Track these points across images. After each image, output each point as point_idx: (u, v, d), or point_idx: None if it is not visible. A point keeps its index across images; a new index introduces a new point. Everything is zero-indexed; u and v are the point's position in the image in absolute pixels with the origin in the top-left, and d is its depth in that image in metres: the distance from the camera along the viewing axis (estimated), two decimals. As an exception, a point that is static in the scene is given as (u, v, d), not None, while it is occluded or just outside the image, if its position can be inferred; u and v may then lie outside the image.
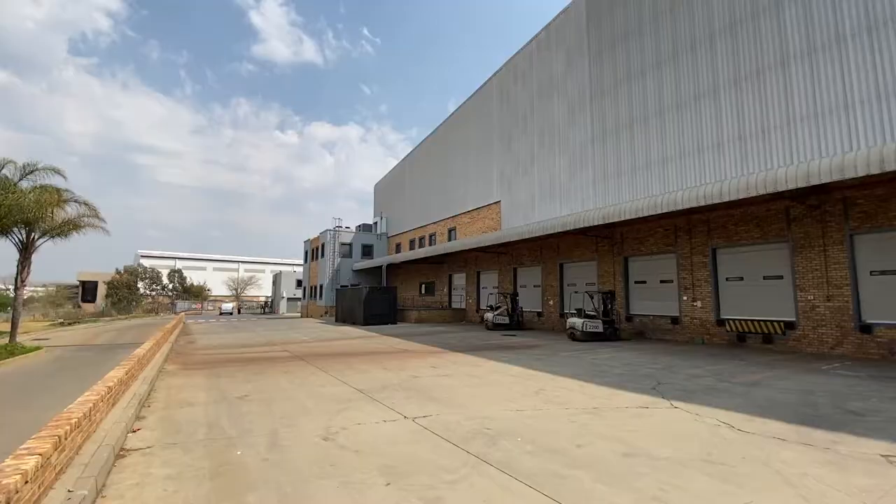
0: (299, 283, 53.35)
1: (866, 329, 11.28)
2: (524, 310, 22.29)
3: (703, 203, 12.22)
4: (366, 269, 38.95)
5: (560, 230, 17.27)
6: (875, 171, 9.26)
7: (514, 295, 21.89)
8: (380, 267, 35.49)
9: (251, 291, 79.25)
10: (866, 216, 11.52)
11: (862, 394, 7.15)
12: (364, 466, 4.33)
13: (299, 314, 47.01)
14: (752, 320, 13.49)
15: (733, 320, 13.95)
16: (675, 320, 15.74)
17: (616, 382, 8.28)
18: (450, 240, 32.14)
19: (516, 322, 21.19)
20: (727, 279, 14.48)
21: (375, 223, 47.53)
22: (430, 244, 35.02)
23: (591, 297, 16.84)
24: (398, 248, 41.71)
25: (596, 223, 15.67)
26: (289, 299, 55.08)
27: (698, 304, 15.00)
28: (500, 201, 26.91)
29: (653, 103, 17.43)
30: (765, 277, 13.48)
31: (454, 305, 30.33)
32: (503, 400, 7.00)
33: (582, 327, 15.45)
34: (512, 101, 26.54)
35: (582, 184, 20.76)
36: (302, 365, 10.96)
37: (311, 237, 44.45)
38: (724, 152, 14.93)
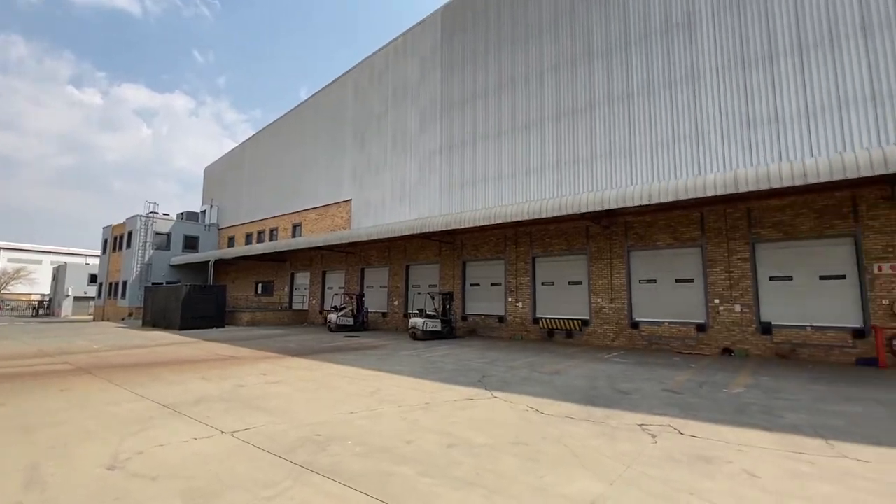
0: (94, 278, 43.32)
1: (635, 325, 14.40)
2: (370, 311, 22.23)
3: (527, 217, 14.01)
4: (188, 264, 33.81)
5: (407, 233, 17.77)
6: (645, 202, 11.91)
7: (361, 295, 21.67)
8: (207, 262, 31.22)
9: (19, 288, 61.20)
10: (639, 237, 14.73)
11: (629, 377, 9.07)
12: (161, 494, 3.69)
13: (91, 317, 38.20)
14: (559, 319, 15.98)
15: (546, 319, 16.31)
16: (501, 319, 17.65)
17: (448, 378, 8.84)
18: (294, 236, 30.16)
19: (361, 323, 20.99)
20: (542, 283, 16.87)
21: (204, 212, 41.71)
22: (271, 239, 32.30)
23: (433, 298, 17.73)
24: (231, 242, 37.37)
25: (439, 229, 16.58)
26: (77, 298, 44.14)
27: (520, 304, 17.12)
28: (350, 199, 26.38)
29: (493, 124, 19.32)
30: (569, 283, 16.13)
31: (296, 307, 28.51)
32: (337, 403, 6.81)
33: (423, 327, 16.12)
34: (367, 99, 26.34)
35: (430, 190, 21.76)
36: (87, 380, 8.87)
37: (115, 223, 36.59)
38: (545, 176, 17.40)
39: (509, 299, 17.57)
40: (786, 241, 12.16)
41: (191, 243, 36.53)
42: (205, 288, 23.39)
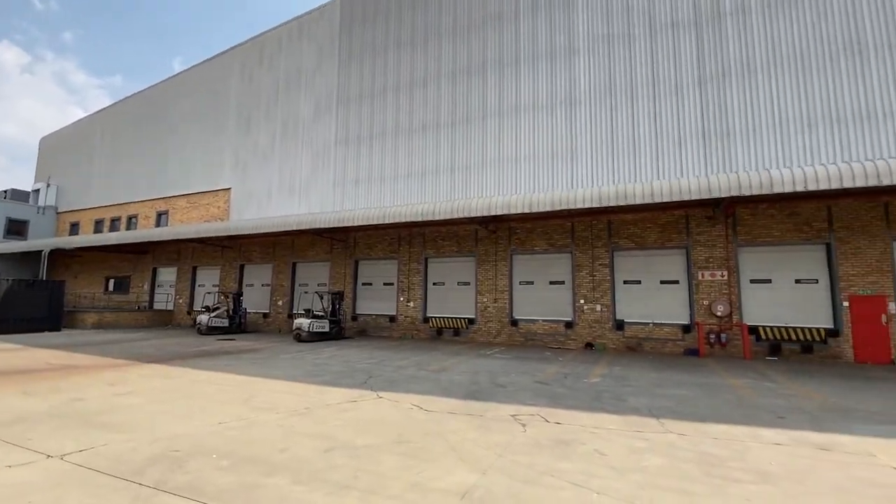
0: None
1: (515, 323, 15.51)
2: (248, 311, 20.50)
3: (421, 219, 14.23)
4: (14, 254, 27.63)
5: (296, 228, 16.79)
6: (527, 210, 12.91)
7: (238, 294, 19.86)
8: (39, 253, 25.85)
9: None
10: (521, 241, 15.91)
11: (507, 371, 9.74)
12: (-53, 543, 2.94)
13: None
14: (448, 318, 16.52)
15: (435, 318, 16.75)
16: (392, 319, 17.66)
17: (332, 380, 8.56)
18: (159, 225, 26.50)
19: (238, 324, 19.24)
20: (434, 283, 17.29)
21: (37, 191, 34.53)
22: (129, 228, 27.97)
23: (322, 298, 17.02)
24: (75, 230, 31.51)
25: (332, 225, 15.99)
26: None
27: (411, 304, 17.33)
28: (231, 188, 24.04)
29: (391, 122, 19.25)
30: (458, 283, 16.79)
31: (158, 306, 25.05)
32: (203, 414, 6.15)
33: (309, 327, 15.37)
34: (256, 82, 24.30)
35: (324, 183, 20.85)
36: None
37: None
38: (440, 179, 17.86)
39: (401, 299, 17.65)
40: (637, 250, 14.21)
41: (17, 228, 30.00)
42: (34, 283, 19.33)
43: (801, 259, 12.47)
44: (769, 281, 12.71)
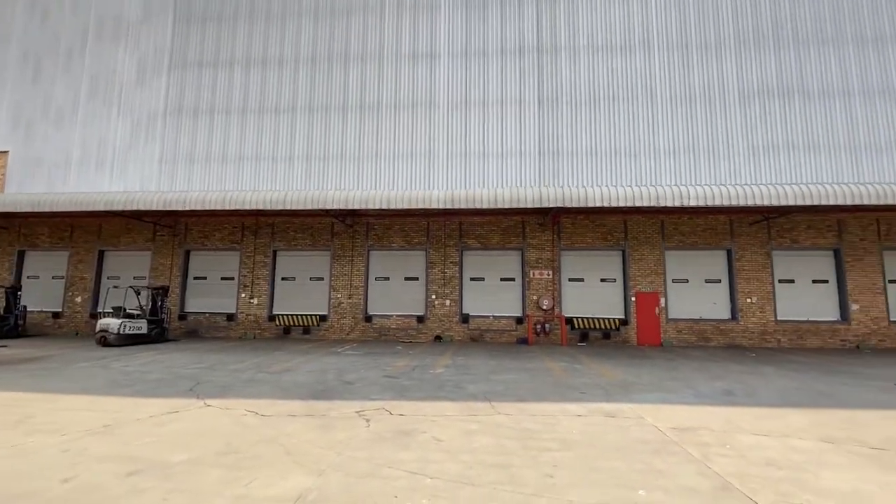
0: None
1: (369, 319, 15.46)
2: (30, 310, 16.19)
3: (270, 207, 13.13)
4: None
5: (105, 209, 13.85)
6: (384, 206, 12.98)
7: (15, 289, 15.53)
8: None
9: None
10: (378, 237, 15.92)
11: (357, 367, 9.64)
12: None
13: None
14: (297, 315, 15.61)
15: (283, 315, 15.66)
16: (231, 317, 15.92)
17: (147, 390, 7.31)
18: None
19: (13, 326, 15.04)
20: (283, 279, 16.15)
21: None
22: None
23: (139, 294, 14.40)
24: None
25: (158, 208, 13.65)
26: None
27: (255, 301, 15.87)
28: (7, 151, 18.60)
29: (239, 98, 17.27)
30: (311, 279, 16.00)
31: None
32: (-59, 446, 4.63)
33: (119, 329, 12.85)
34: (54, 19, 19.23)
35: (146, 159, 17.60)
36: None
37: None
38: (294, 167, 16.72)
39: (243, 295, 16.03)
40: (483, 250, 15.50)
41: None
42: None
43: (605, 262, 15.20)
44: (582, 280, 15.18)
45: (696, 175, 14.82)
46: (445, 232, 15.59)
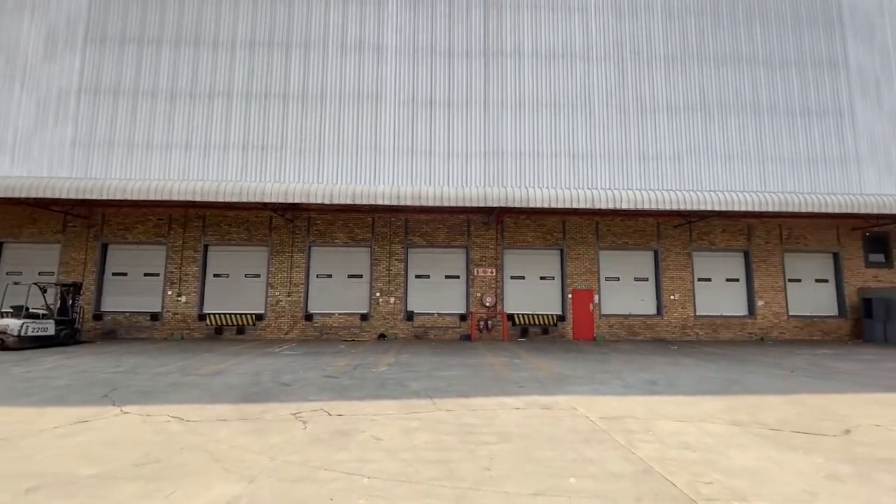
0: None
1: (309, 318, 14.97)
2: None
3: (200, 198, 12.30)
4: None
5: (5, 195, 12.29)
6: (327, 201, 12.62)
7: None
8: None
9: None
10: (321, 233, 15.44)
11: (295, 368, 9.29)
12: None
13: None
14: (230, 314, 14.77)
15: (215, 314, 14.75)
16: (155, 317, 14.75)
17: (53, 398, 6.58)
18: None
19: None
20: (215, 275, 15.20)
21: None
22: None
23: (44, 291, 12.93)
24: None
25: (69, 196, 12.34)
26: None
27: (183, 299, 14.82)
28: None
29: (166, 79, 15.96)
30: (246, 275, 15.21)
31: None
32: None
33: (20, 331, 11.47)
34: (-67, -23, 16.64)
35: (56, 142, 15.78)
36: None
37: None
38: (229, 156, 15.74)
39: (170, 293, 14.90)
40: (428, 247, 15.53)
41: None
42: None
43: (544, 261, 15.80)
44: (523, 277, 15.67)
45: (628, 180, 15.78)
46: (391, 229, 15.44)
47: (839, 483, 3.84)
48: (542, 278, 15.74)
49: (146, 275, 15.15)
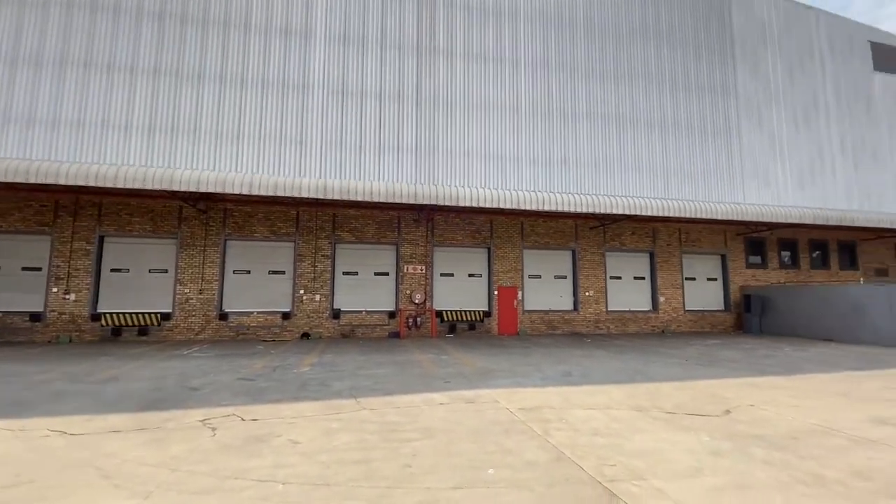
0: None
1: (224, 317, 13.93)
2: None
3: (94, 183, 10.93)
4: None
5: None
6: (246, 192, 11.82)
7: None
8: None
9: None
10: (238, 226, 14.43)
11: (206, 371, 8.59)
12: None
13: None
14: (130, 313, 13.30)
15: (111, 314, 13.19)
16: (36, 317, 12.85)
17: None
18: None
19: None
20: (112, 270, 13.60)
21: None
22: None
23: None
24: None
25: (-86, 174, 10.28)
26: None
27: (72, 297, 13.06)
28: None
29: (54, 46, 13.90)
30: (151, 270, 13.78)
31: None
32: None
33: None
34: None
35: None
36: None
37: None
38: (132, 137, 14.13)
39: (55, 290, 13.05)
40: (357, 243, 15.17)
41: None
42: None
43: (473, 258, 16.16)
44: (452, 275, 15.90)
45: (551, 183, 16.64)
46: (317, 223, 14.86)
47: (720, 458, 4.35)
48: (470, 275, 16.08)
49: (25, 269, 13.12)
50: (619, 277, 17.44)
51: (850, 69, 21.69)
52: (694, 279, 18.37)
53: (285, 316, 14.21)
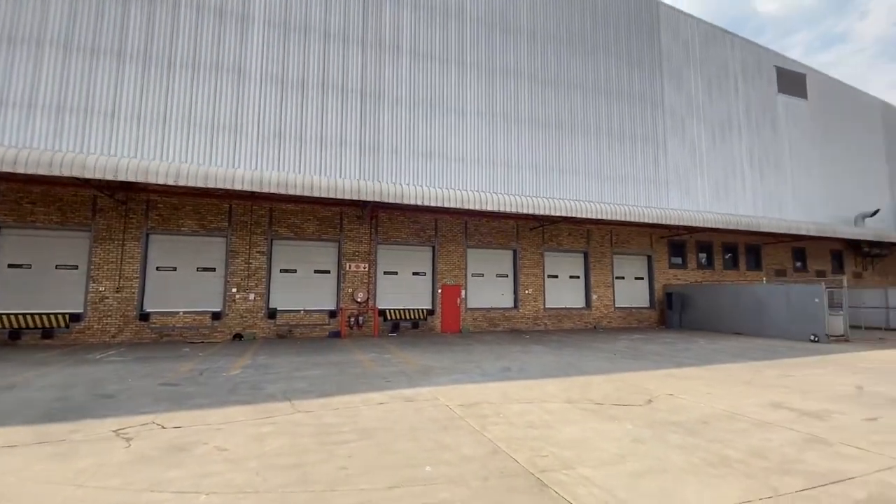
0: None
1: (146, 317, 12.85)
2: None
3: (-13, 167, 9.60)
4: None
5: None
6: (172, 182, 10.96)
7: None
8: None
9: None
10: (163, 219, 13.35)
11: (122, 376, 7.87)
12: None
13: None
14: (31, 314, 11.88)
15: (8, 315, 11.71)
16: None
17: None
18: None
19: None
20: (10, 266, 12.05)
21: None
22: None
23: None
24: None
25: None
26: None
27: (-43, 295, 11.44)
28: None
29: (-66, 8, 12.05)
30: (57, 266, 12.39)
31: None
32: None
33: None
34: None
35: None
36: None
37: None
38: (36, 117, 12.60)
39: (-66, 287, 11.35)
40: (296, 239, 14.60)
41: None
42: None
43: (417, 257, 16.13)
44: (396, 273, 15.78)
45: (494, 185, 17.01)
46: (252, 218, 14.11)
47: (641, 445, 4.68)
48: (414, 274, 16.04)
49: None
50: (556, 276, 18.21)
51: (758, 90, 24.15)
52: (623, 278, 19.60)
53: (216, 316, 13.37)
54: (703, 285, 18.87)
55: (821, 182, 25.55)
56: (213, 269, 13.68)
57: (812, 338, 13.75)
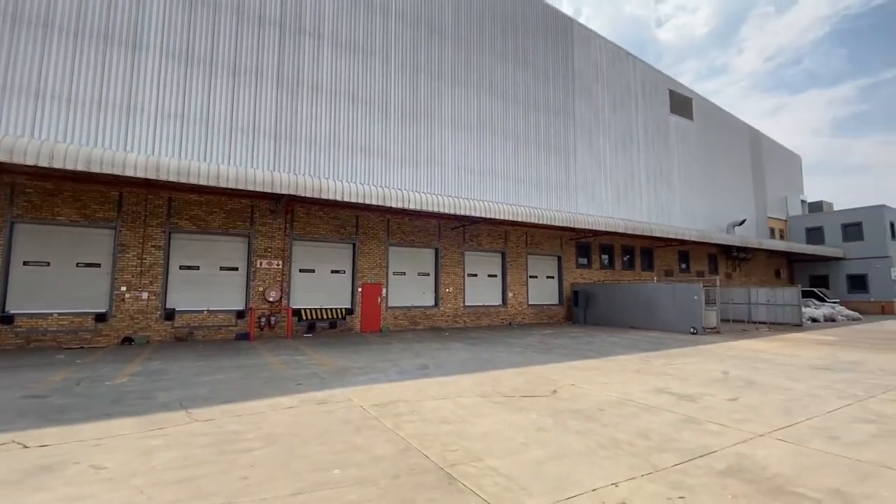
0: None
1: (8, 320, 10.98)
2: None
3: None
4: None
5: None
6: (46, 163, 9.49)
7: None
8: None
9: None
10: (34, 206, 11.50)
11: (-29, 390, 6.64)
12: None
13: None
14: None
15: None
16: None
17: None
18: None
19: None
20: None
21: None
22: None
23: None
24: None
25: None
26: None
27: None
28: None
29: None
30: None
31: None
32: None
33: None
34: None
35: None
36: None
37: None
38: None
39: None
40: (199, 233, 13.40)
41: None
42: None
43: (337, 254, 15.65)
44: (313, 270, 15.17)
45: (418, 183, 17.08)
46: (147, 208, 12.69)
47: (544, 433, 4.99)
48: (333, 272, 15.53)
49: None
50: (476, 275, 18.77)
51: (654, 110, 26.94)
52: (536, 277, 20.76)
53: (100, 318, 11.81)
54: (604, 284, 20.62)
55: (701, 194, 29.25)
56: (98, 265, 12.07)
57: (692, 330, 15.69)
